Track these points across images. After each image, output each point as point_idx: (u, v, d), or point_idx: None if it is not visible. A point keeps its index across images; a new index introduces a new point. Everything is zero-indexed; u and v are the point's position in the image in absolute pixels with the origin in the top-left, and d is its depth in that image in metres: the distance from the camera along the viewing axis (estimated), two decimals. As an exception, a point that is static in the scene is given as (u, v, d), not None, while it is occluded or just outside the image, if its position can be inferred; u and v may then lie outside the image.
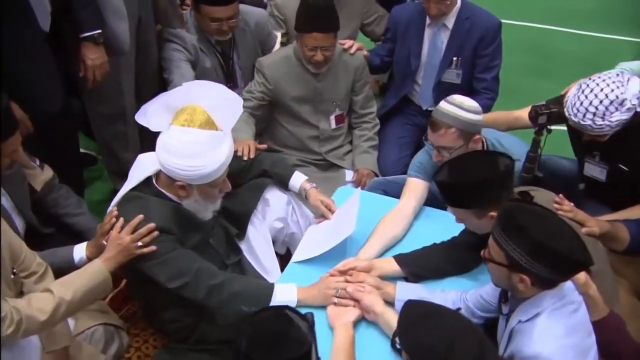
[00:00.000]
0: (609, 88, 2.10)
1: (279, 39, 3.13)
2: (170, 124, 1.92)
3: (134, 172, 2.08)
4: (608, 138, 2.19)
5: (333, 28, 2.66)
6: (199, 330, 2.15)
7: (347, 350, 1.78)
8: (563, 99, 2.26)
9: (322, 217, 2.35)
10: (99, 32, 2.44)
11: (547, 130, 2.18)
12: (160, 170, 1.99)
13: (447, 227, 2.13)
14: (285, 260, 2.34)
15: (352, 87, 2.93)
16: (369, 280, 1.99)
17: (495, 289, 1.78)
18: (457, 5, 2.94)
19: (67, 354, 1.91)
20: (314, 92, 2.84)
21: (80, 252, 2.09)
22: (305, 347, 1.25)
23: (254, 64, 2.88)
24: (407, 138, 3.14)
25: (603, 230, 2.01)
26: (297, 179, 2.41)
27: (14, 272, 1.81)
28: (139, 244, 1.91)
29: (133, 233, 1.91)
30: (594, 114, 2.11)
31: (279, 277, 2.20)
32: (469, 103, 2.16)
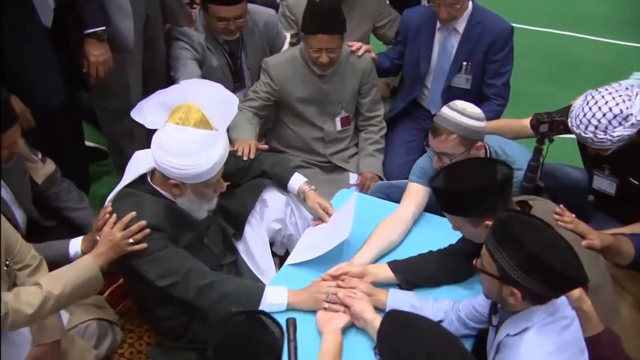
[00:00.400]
0: (614, 102, 2.04)
1: (288, 40, 3.11)
2: (166, 122, 1.91)
3: (130, 168, 2.09)
4: (619, 151, 2.13)
5: (339, 30, 2.63)
6: (192, 329, 2.14)
7: (333, 357, 1.75)
8: (570, 109, 2.21)
9: (319, 219, 2.33)
10: (103, 28, 2.45)
11: (549, 140, 2.12)
12: (155, 168, 1.98)
13: (446, 234, 2.07)
14: (284, 262, 2.31)
15: (358, 89, 2.91)
16: (361, 287, 1.96)
17: (488, 300, 1.73)
18: (468, 10, 2.90)
19: (58, 348, 1.91)
20: (320, 93, 2.82)
21: (76, 246, 2.10)
22: (275, 354, 1.23)
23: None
24: (414, 142, 3.10)
25: (605, 244, 1.95)
26: (296, 181, 2.39)
27: (7, 264, 1.81)
28: (130, 241, 1.92)
29: (125, 230, 1.92)
30: (596, 127, 2.06)
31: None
32: (472, 109, 2.11)
